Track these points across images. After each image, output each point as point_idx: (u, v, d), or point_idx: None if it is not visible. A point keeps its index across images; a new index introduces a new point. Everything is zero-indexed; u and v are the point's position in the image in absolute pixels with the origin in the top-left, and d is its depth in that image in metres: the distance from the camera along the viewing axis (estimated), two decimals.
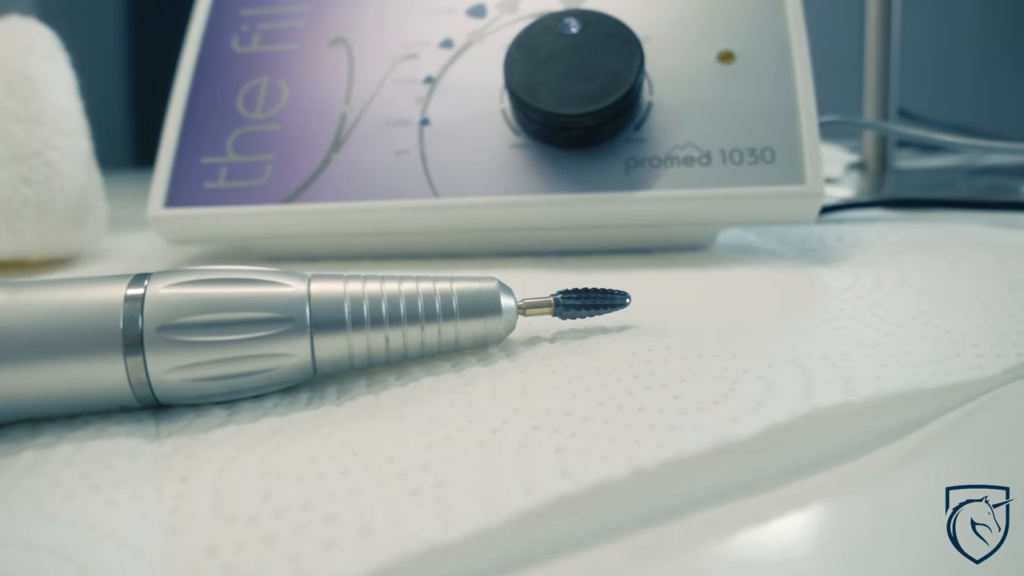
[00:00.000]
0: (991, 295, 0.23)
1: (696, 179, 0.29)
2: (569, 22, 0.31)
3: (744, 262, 0.30)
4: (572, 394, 0.16)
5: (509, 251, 0.33)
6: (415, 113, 0.33)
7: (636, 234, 0.31)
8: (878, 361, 0.18)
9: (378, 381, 0.19)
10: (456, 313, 0.19)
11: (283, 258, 0.34)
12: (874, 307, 0.23)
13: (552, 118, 0.29)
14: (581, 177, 0.30)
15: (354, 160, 0.32)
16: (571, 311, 0.20)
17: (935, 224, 0.34)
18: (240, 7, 0.37)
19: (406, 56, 0.34)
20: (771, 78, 0.31)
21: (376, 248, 0.33)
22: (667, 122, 0.31)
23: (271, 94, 0.34)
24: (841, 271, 0.28)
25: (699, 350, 0.19)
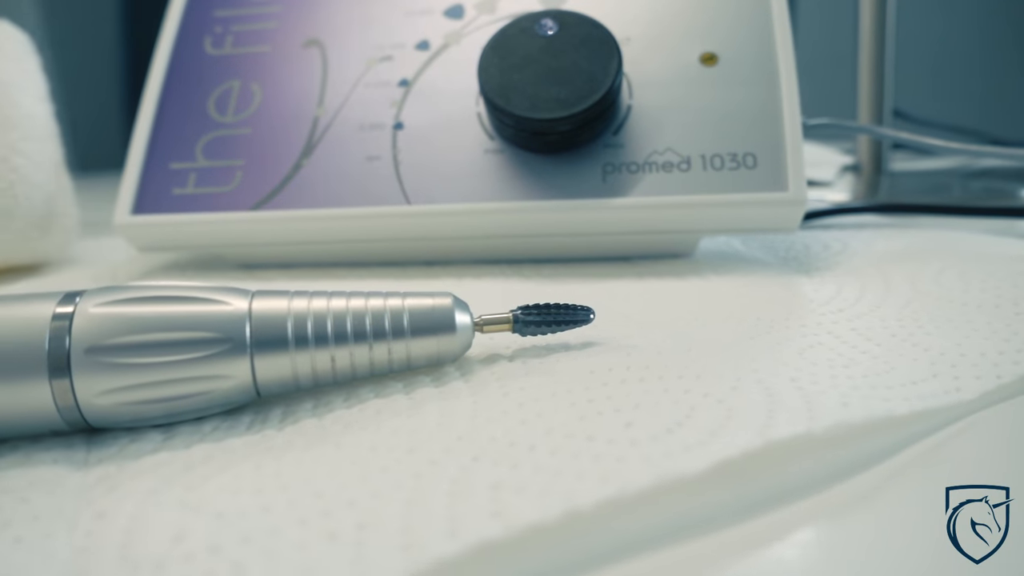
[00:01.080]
0: (976, 310, 0.22)
1: (675, 186, 0.29)
2: (545, 23, 0.30)
3: (724, 271, 0.29)
4: (521, 420, 0.16)
5: (484, 258, 0.32)
6: (389, 117, 0.32)
7: (614, 242, 0.30)
8: (849, 383, 0.17)
9: (325, 403, 0.18)
10: (407, 331, 0.18)
11: (255, 265, 0.33)
12: (853, 321, 0.22)
13: (526, 123, 0.28)
14: (557, 183, 0.29)
15: (325, 166, 0.31)
16: (531, 328, 0.19)
17: (926, 231, 0.33)
18: (214, 8, 0.36)
19: (381, 58, 0.33)
20: (755, 81, 0.30)
21: (349, 255, 0.32)
22: (646, 126, 0.30)
23: (243, 97, 0.33)
24: (824, 281, 0.27)
25: (661, 370, 0.18)
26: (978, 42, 1.11)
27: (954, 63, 1.09)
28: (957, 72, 1.09)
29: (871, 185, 0.46)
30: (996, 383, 0.17)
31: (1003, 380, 0.17)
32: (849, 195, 0.44)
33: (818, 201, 0.42)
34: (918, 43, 1.05)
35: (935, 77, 1.07)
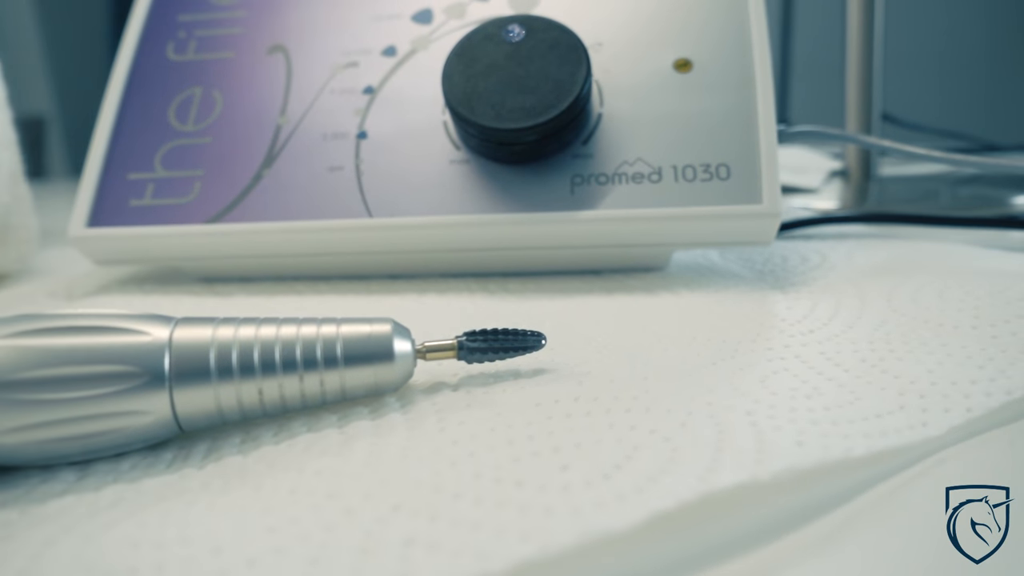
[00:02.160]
0: (952, 332, 0.21)
1: (645, 198, 0.27)
2: (512, 29, 0.29)
3: (697, 286, 0.28)
4: (452, 461, 0.15)
5: (450, 272, 0.31)
6: (352, 126, 0.31)
7: (584, 255, 0.29)
8: (809, 417, 0.16)
9: (253, 437, 0.17)
10: (341, 360, 0.17)
11: (215, 278, 0.32)
12: (823, 343, 0.21)
13: (490, 133, 0.27)
14: (523, 195, 0.28)
15: (286, 176, 0.30)
16: (477, 355, 0.18)
17: (910, 242, 0.32)
18: (178, 12, 0.35)
19: (347, 64, 0.32)
20: (730, 88, 0.29)
21: (311, 268, 0.31)
22: (617, 136, 0.29)
23: (204, 105, 0.32)
24: (799, 297, 0.26)
25: (610, 402, 0.17)
26: (971, 44, 1.09)
27: (945, 65, 1.08)
28: (948, 74, 1.08)
29: (859, 191, 0.45)
30: (965, 417, 0.16)
31: (973, 414, 0.16)
32: (836, 202, 0.43)
33: (802, 209, 0.41)
34: (910, 45, 1.04)
35: (926, 80, 1.05)
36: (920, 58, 1.09)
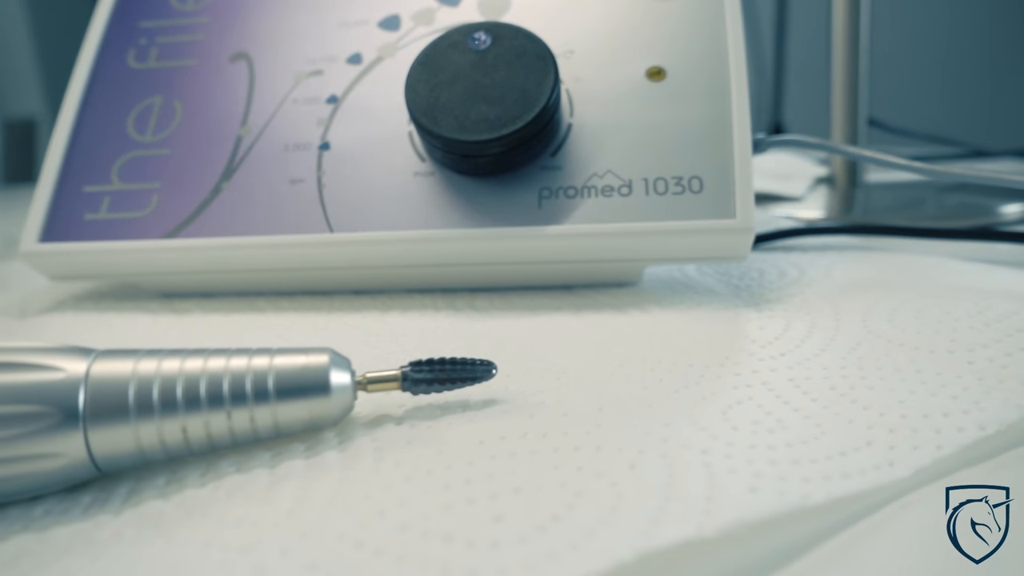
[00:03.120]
0: (927, 356, 0.20)
1: (615, 212, 0.26)
2: (478, 37, 0.28)
3: (669, 303, 0.27)
4: (381, 509, 0.14)
5: (416, 287, 0.30)
6: (315, 136, 0.30)
7: (553, 270, 0.28)
8: (768, 455, 0.15)
9: (179, 478, 0.16)
10: (272, 395, 0.16)
11: (174, 293, 0.31)
12: (793, 368, 0.20)
13: (454, 145, 0.26)
14: (489, 209, 0.27)
15: (246, 189, 0.29)
16: (422, 386, 0.17)
17: (892, 255, 0.31)
18: (140, 18, 0.34)
19: (311, 73, 0.31)
20: (703, 98, 0.28)
21: (271, 284, 0.30)
22: (587, 147, 0.28)
23: (164, 115, 0.31)
24: (772, 316, 0.25)
25: (559, 439, 0.16)
26: (960, 48, 1.09)
27: (933, 69, 1.07)
28: (937, 79, 1.07)
29: (844, 199, 0.44)
30: (934, 456, 0.15)
31: (942, 452, 0.15)
32: (820, 211, 0.42)
33: (786, 218, 0.40)
34: (897, 49, 1.04)
35: (913, 84, 1.05)
36: (907, 62, 1.08)
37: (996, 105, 1.06)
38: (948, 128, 0.75)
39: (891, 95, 0.99)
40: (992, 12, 1.08)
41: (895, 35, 1.02)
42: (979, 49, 1.08)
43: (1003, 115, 1.04)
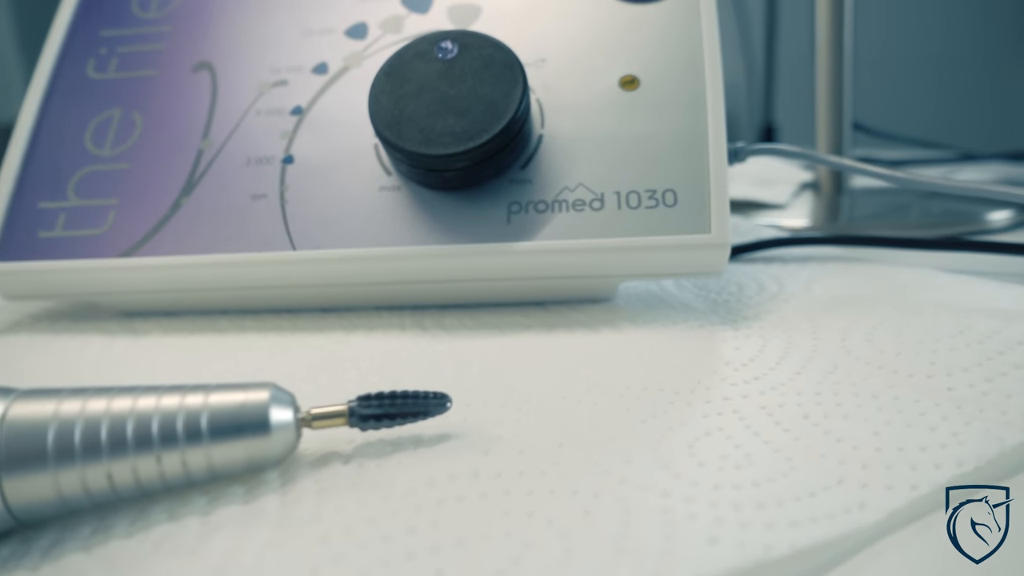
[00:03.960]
0: (905, 381, 0.19)
1: (586, 227, 0.26)
2: (445, 46, 0.27)
3: (643, 321, 0.26)
4: (313, 568, 0.13)
5: (383, 304, 0.29)
6: (279, 150, 0.29)
7: (525, 287, 0.27)
8: (733, 497, 0.14)
9: (106, 527, 0.15)
10: (206, 435, 0.15)
11: (135, 312, 0.30)
12: (767, 394, 0.19)
13: (418, 159, 0.25)
14: (457, 225, 0.26)
15: (206, 205, 0.28)
16: (371, 422, 0.16)
17: (873, 267, 0.30)
18: (100, 27, 0.33)
19: (275, 83, 0.30)
20: (678, 108, 0.27)
21: (234, 302, 0.29)
22: (558, 159, 0.27)
23: (123, 128, 0.30)
24: (749, 335, 0.24)
25: (513, 480, 0.15)
26: (945, 50, 1.08)
27: (918, 72, 1.07)
28: (924, 81, 1.07)
29: (829, 206, 0.43)
30: (908, 497, 0.14)
31: (918, 491, 0.14)
32: (805, 218, 0.41)
33: (769, 227, 0.39)
34: (882, 52, 1.03)
35: (899, 87, 1.04)
36: (895, 65, 1.08)
37: (986, 107, 1.06)
38: (937, 131, 0.75)
39: (879, 98, 0.98)
40: (983, 15, 1.07)
41: (883, 38, 1.02)
42: (969, 52, 1.08)
43: (992, 117, 1.04)
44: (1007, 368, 0.19)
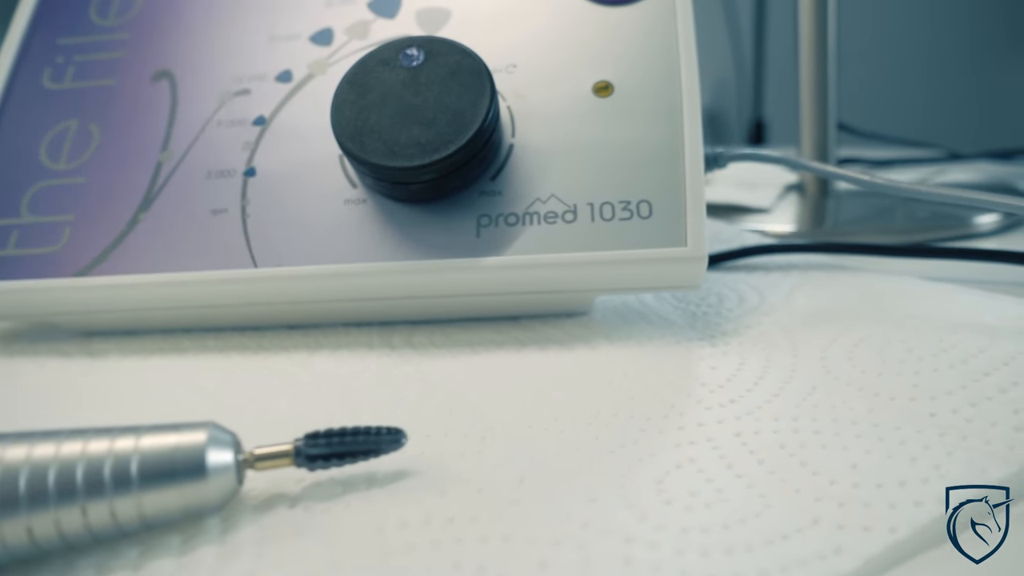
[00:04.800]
0: (886, 406, 0.18)
1: (558, 240, 0.25)
2: (410, 53, 0.26)
3: (619, 336, 0.25)
4: None
5: (351, 321, 0.28)
6: (240, 162, 0.28)
7: (497, 302, 0.26)
8: (699, 543, 0.13)
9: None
10: (135, 483, 0.14)
11: (94, 331, 0.29)
12: (742, 419, 0.18)
13: (382, 172, 0.24)
14: (424, 239, 0.25)
15: (165, 221, 0.27)
16: (319, 462, 0.15)
17: (856, 276, 0.29)
18: (58, 35, 0.32)
19: (237, 92, 0.29)
20: (653, 116, 0.26)
21: (196, 321, 0.28)
22: (529, 170, 0.26)
23: (79, 140, 0.29)
24: (727, 352, 0.23)
25: (466, 525, 0.14)
26: (933, 49, 1.08)
27: (903, 70, 1.06)
28: (908, 79, 1.06)
29: (815, 209, 0.43)
30: (886, 541, 0.13)
31: (897, 535, 0.14)
32: (790, 223, 0.40)
33: (753, 232, 0.38)
34: (866, 50, 1.02)
35: (887, 84, 1.03)
36: (882, 63, 1.07)
37: (972, 105, 1.05)
38: (923, 129, 0.74)
39: (865, 96, 0.98)
40: (969, 12, 1.07)
41: (868, 35, 1.01)
42: (955, 50, 1.07)
43: (979, 115, 1.03)
44: (992, 392, 0.18)
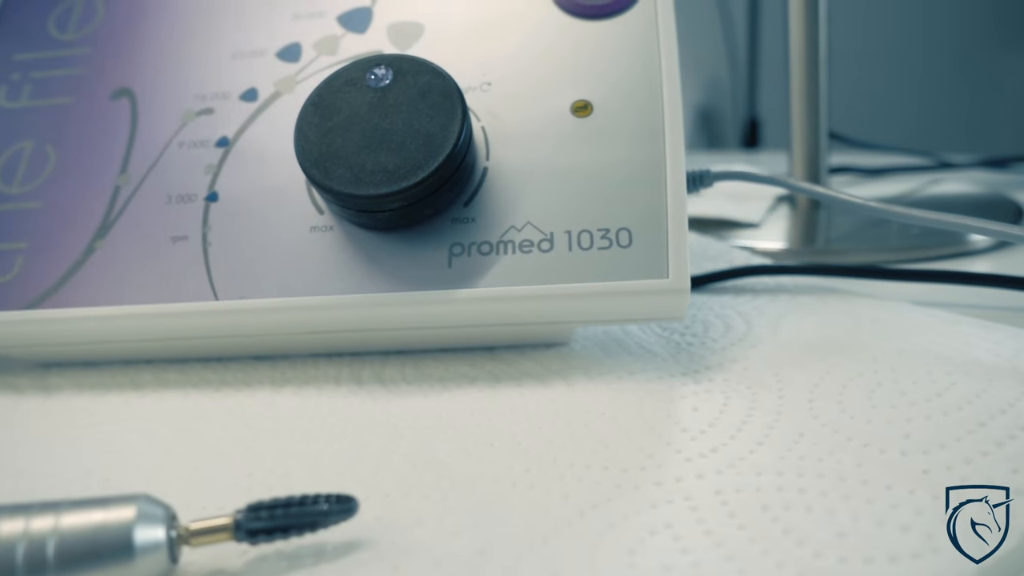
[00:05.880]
0: (877, 460, 0.17)
1: (534, 271, 0.23)
2: (378, 73, 0.24)
3: (597, 372, 0.24)
4: None
5: (320, 351, 0.27)
6: (202, 186, 0.26)
7: (470, 334, 0.25)
8: None
9: None
10: (52, 567, 0.13)
11: (51, 362, 0.28)
12: (724, 474, 0.17)
13: (347, 200, 0.23)
14: (394, 270, 0.24)
15: (122, 249, 0.26)
16: (260, 536, 0.14)
17: (846, 300, 0.28)
18: (14, 51, 0.31)
19: (200, 111, 0.28)
20: (634, 137, 0.25)
21: (157, 352, 0.27)
22: (504, 195, 0.25)
23: (35, 162, 0.28)
24: (710, 391, 0.22)
25: None
26: (925, 56, 1.07)
27: (894, 76, 1.05)
28: (899, 87, 1.05)
29: (806, 224, 0.41)
30: None
31: None
32: (780, 239, 0.39)
33: (743, 248, 0.37)
34: (862, 56, 1.01)
35: (879, 91, 1.02)
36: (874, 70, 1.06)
37: (963, 113, 1.04)
38: (913, 131, 0.73)
39: (856, 101, 0.97)
40: (959, 15, 1.06)
41: (860, 40, 1.00)
42: (948, 57, 1.06)
43: (970, 122, 1.03)
44: (988, 446, 0.17)
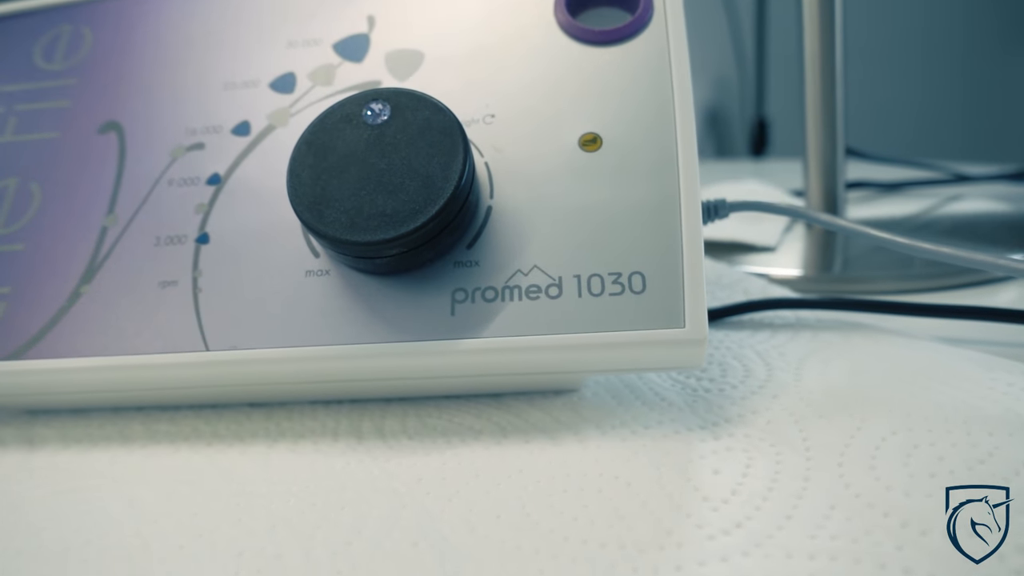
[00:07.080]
0: (916, 543, 0.16)
1: (542, 320, 0.22)
2: (376, 108, 0.23)
3: (610, 424, 0.22)
4: None
5: (317, 399, 0.25)
6: (192, 226, 0.25)
7: (475, 383, 0.24)
8: None
9: None
10: None
11: (37, 410, 0.26)
12: (750, 556, 0.16)
13: (343, 247, 0.22)
14: (393, 319, 0.23)
15: (109, 295, 0.24)
16: None
17: (871, 339, 0.26)
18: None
19: (190, 146, 0.26)
20: (646, 173, 0.23)
21: (146, 401, 0.26)
22: (509, 236, 0.23)
23: (19, 201, 0.27)
24: (731, 448, 0.20)
25: None
26: (939, 67, 1.05)
27: (896, 79, 1.03)
28: (916, 97, 1.04)
29: (823, 248, 0.40)
30: None
31: None
32: (796, 265, 0.37)
33: (759, 276, 0.36)
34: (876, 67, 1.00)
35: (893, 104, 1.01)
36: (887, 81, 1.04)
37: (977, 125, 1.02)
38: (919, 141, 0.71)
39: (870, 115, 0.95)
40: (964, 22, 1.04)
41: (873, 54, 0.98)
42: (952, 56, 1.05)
43: (984, 135, 1.01)
44: None
